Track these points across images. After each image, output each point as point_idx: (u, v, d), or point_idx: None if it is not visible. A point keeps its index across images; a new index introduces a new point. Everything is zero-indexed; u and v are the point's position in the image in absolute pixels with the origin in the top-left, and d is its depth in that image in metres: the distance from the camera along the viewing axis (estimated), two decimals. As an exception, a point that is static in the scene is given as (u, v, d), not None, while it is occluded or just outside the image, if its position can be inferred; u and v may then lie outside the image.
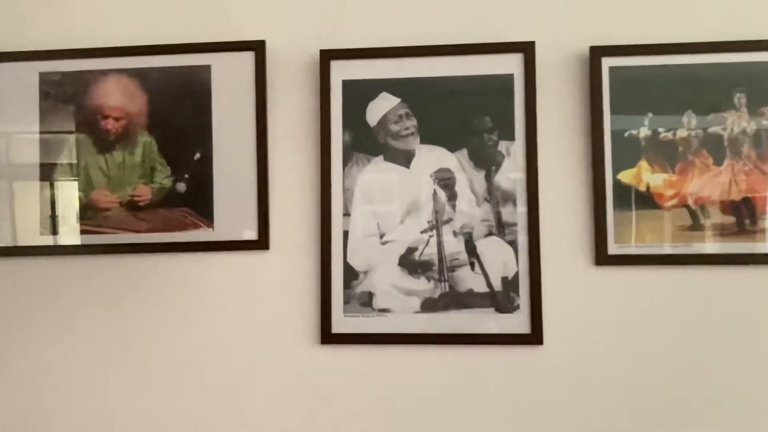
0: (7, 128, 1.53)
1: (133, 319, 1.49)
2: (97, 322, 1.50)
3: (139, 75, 1.52)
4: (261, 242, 1.48)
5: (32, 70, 1.54)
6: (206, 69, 1.52)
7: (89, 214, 1.52)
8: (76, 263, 1.51)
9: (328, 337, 1.46)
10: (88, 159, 1.52)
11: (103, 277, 1.50)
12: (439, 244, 1.45)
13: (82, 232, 1.51)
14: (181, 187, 1.51)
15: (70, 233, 1.51)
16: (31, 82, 1.54)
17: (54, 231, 1.51)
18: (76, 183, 1.52)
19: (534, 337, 1.43)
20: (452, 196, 1.46)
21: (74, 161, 1.52)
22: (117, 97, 1.53)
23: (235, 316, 1.48)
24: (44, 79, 1.54)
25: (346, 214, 1.47)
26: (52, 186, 1.52)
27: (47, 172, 1.53)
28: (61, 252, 1.51)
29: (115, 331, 1.50)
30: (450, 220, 1.46)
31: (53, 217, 1.51)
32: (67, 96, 1.53)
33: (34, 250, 1.52)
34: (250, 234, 1.49)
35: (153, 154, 1.51)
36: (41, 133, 1.53)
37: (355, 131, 1.49)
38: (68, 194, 1.52)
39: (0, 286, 1.53)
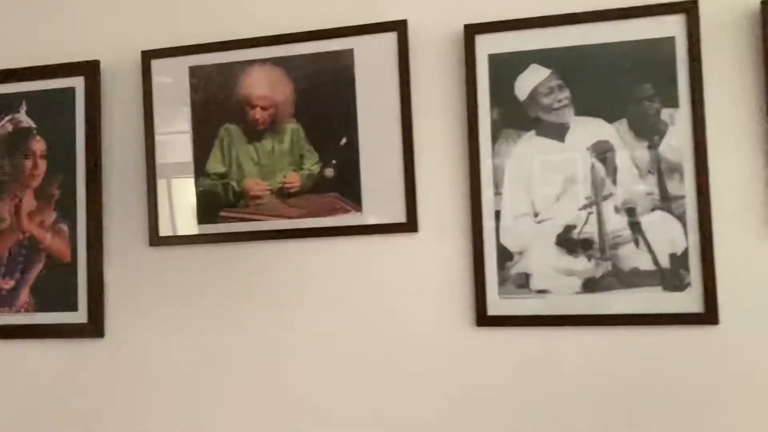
0: (161, 123, 1.59)
1: (287, 304, 1.52)
2: (253, 307, 1.54)
3: (284, 63, 1.54)
4: (410, 225, 1.47)
5: (183, 64, 1.59)
6: (349, 53, 1.51)
7: (242, 202, 1.55)
8: (233, 250, 1.55)
9: (483, 319, 1.42)
10: (239, 149, 1.56)
11: (258, 263, 1.54)
12: (600, 221, 1.38)
13: (237, 219, 1.54)
14: (329, 172, 1.51)
15: (225, 221, 1.55)
16: (181, 76, 1.59)
17: (210, 220, 1.56)
18: (229, 173, 1.55)
19: (708, 316, 1.33)
20: (612, 170, 1.38)
21: (225, 152, 1.56)
22: (264, 87, 1.55)
23: (386, 299, 1.47)
24: (194, 72, 1.59)
25: (498, 194, 1.43)
26: (206, 176, 1.56)
27: (200, 164, 1.57)
28: (219, 240, 1.56)
29: (271, 316, 1.53)
30: (610, 195, 1.38)
31: (208, 207, 1.56)
32: (215, 88, 1.57)
33: (194, 238, 1.57)
34: (399, 216, 1.47)
35: (300, 141, 1.53)
36: (193, 126, 1.58)
37: (504, 107, 1.43)
38: (221, 184, 1.55)
39: (163, 274, 1.58)
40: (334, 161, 1.51)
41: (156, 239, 1.59)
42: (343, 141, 1.51)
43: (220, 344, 1.55)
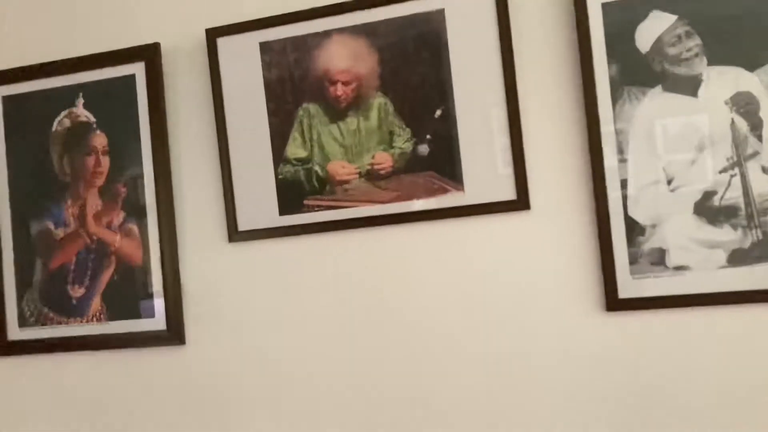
0: (232, 107, 1.44)
1: (388, 297, 1.38)
2: (349, 301, 1.40)
3: (366, 31, 1.38)
4: (520, 202, 1.31)
5: (252, 41, 1.44)
6: (439, 14, 1.35)
7: (328, 188, 1.41)
8: (320, 241, 1.41)
9: (614, 303, 1.26)
10: (321, 129, 1.41)
11: (350, 254, 1.39)
12: (745, 184, 1.21)
13: (323, 208, 1.40)
14: (424, 149, 1.36)
15: (310, 211, 1.40)
16: (251, 54, 1.44)
17: (293, 210, 1.41)
18: (311, 157, 1.40)
19: None
20: (756, 125, 1.21)
21: (306, 135, 1.41)
22: (344, 59, 1.40)
23: (499, 286, 1.32)
24: (265, 49, 1.44)
25: (622, 161, 1.26)
26: (286, 162, 1.42)
27: (279, 149, 1.42)
28: (304, 231, 1.41)
29: (369, 311, 1.39)
30: (756, 153, 1.21)
31: (290, 195, 1.41)
32: (290, 65, 1.42)
33: (276, 231, 1.43)
34: (508, 194, 1.31)
35: (389, 116, 1.37)
36: (269, 108, 1.43)
37: (623, 61, 1.26)
38: (303, 170, 1.41)
39: (245, 271, 1.45)
40: (428, 136, 1.36)
41: (235, 234, 1.46)
42: (438, 113, 1.35)
43: (314, 345, 1.41)
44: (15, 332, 1.56)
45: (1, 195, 1.57)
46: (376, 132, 1.38)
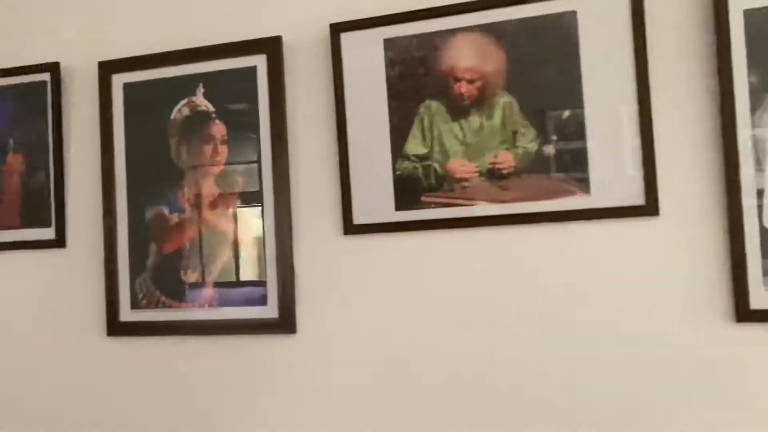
0: (352, 102, 1.45)
1: (507, 297, 1.37)
2: (468, 299, 1.40)
3: (494, 30, 1.38)
4: (649, 207, 1.29)
5: (376, 37, 1.45)
6: (571, 15, 1.34)
7: (446, 185, 1.41)
8: (436, 238, 1.41)
9: (745, 313, 1.24)
10: (442, 127, 1.41)
11: (467, 252, 1.39)
12: None
13: (440, 205, 1.40)
14: (549, 149, 1.35)
15: (426, 207, 1.41)
16: (375, 51, 1.45)
17: (410, 206, 1.42)
18: (430, 154, 1.41)
19: None
20: None
21: (426, 131, 1.41)
22: (470, 58, 1.40)
23: (623, 293, 1.31)
24: (389, 45, 1.45)
25: (760, 170, 1.24)
26: (404, 158, 1.42)
27: (398, 145, 1.43)
28: (420, 227, 1.42)
29: (488, 310, 1.38)
30: None
31: (407, 191, 1.42)
32: (414, 62, 1.43)
33: (392, 226, 1.44)
34: (636, 198, 1.30)
35: (514, 115, 1.37)
36: (390, 104, 1.44)
37: (765, 68, 1.24)
38: (421, 166, 1.41)
39: (359, 264, 1.46)
40: (554, 137, 1.35)
41: (350, 227, 1.47)
42: (566, 114, 1.34)
43: (425, 341, 1.41)
44: (127, 313, 1.59)
45: (118, 179, 1.60)
46: (500, 131, 1.38)
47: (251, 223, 1.52)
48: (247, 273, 1.52)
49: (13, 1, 1.73)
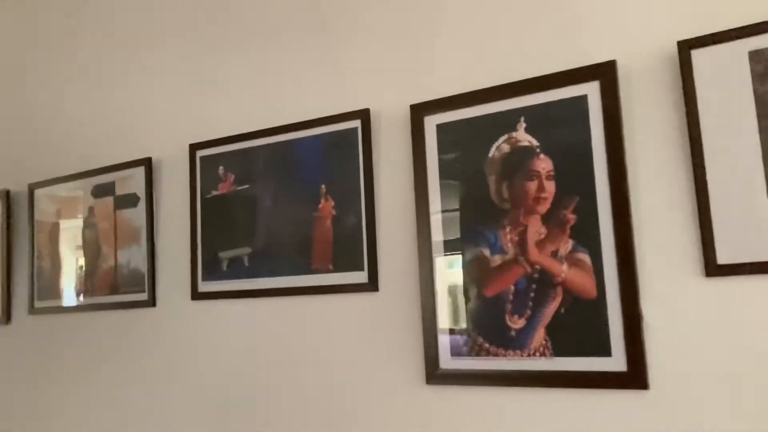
0: (710, 124, 1.27)
1: None
2: None
3: None
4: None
5: (738, 50, 1.27)
6: None
7: None
8: None
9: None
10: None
11: None
12: None
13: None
14: None
15: None
16: (737, 65, 1.27)
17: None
18: None
19: None
20: None
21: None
22: None
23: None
24: (755, 57, 1.25)
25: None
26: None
27: (772, 171, 1.22)
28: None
29: None
30: None
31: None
32: (790, 74, 1.22)
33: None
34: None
35: None
36: (761, 124, 1.24)
37: None
38: None
39: (724, 309, 1.25)
40: None
41: (713, 268, 1.27)
42: None
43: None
44: (447, 361, 1.52)
45: (433, 221, 1.55)
46: None
47: (586, 265, 1.38)
48: (585, 320, 1.38)
49: (326, 51, 1.81)
